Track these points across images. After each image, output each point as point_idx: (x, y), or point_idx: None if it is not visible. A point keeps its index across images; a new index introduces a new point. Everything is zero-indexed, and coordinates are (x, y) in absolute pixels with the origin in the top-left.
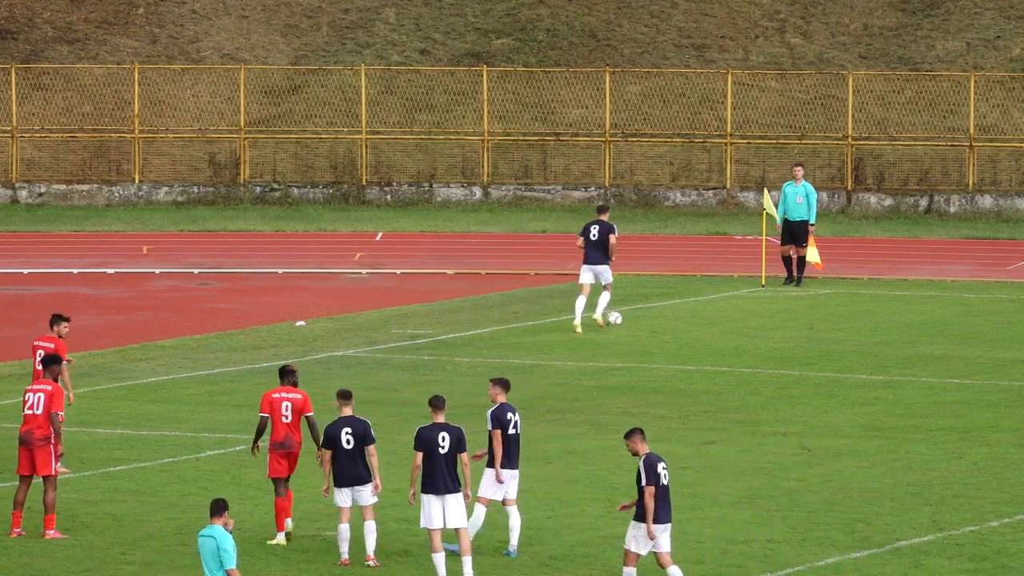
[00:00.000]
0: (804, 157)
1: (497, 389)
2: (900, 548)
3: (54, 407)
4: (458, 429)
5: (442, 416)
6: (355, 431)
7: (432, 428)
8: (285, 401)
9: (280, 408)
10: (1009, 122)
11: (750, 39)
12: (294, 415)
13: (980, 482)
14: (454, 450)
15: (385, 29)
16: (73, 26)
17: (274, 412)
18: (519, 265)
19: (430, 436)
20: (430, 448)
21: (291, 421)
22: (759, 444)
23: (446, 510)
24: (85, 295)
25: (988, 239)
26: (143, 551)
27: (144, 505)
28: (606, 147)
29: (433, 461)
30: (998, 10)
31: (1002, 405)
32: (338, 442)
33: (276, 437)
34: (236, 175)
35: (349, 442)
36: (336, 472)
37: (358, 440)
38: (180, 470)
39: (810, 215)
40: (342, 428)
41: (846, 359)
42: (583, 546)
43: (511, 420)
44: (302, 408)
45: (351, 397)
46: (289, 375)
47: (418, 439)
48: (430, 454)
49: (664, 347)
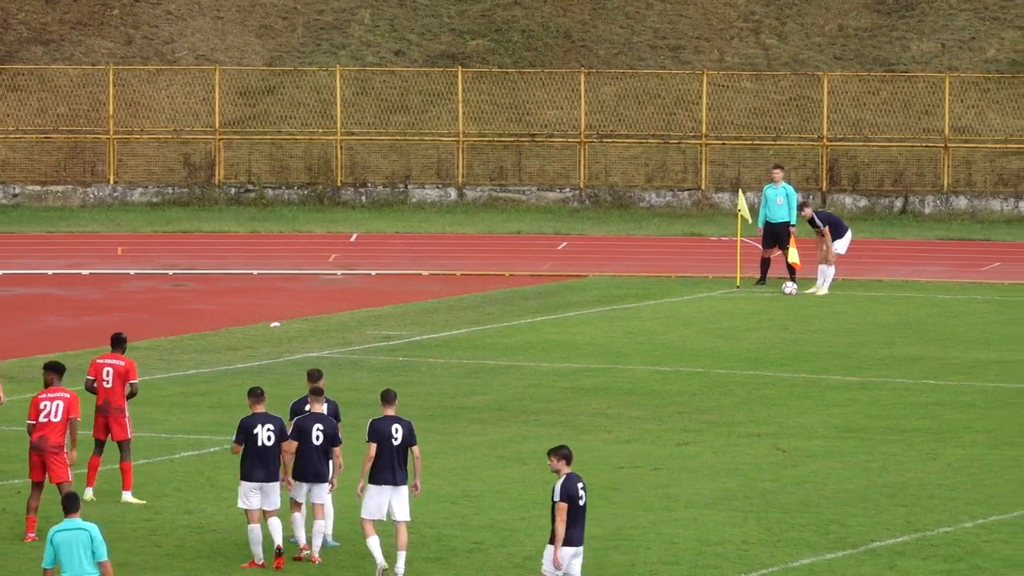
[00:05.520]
0: (779, 158)
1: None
2: (874, 549)
3: (72, 413)
4: (409, 423)
5: (392, 410)
6: (326, 429)
7: (385, 420)
8: (107, 367)
9: (102, 373)
10: (984, 123)
11: (725, 40)
12: (115, 381)
13: (954, 483)
14: (406, 442)
15: (360, 30)
16: (48, 27)
17: (98, 377)
18: (494, 266)
19: (383, 428)
20: (383, 440)
21: (112, 387)
22: (733, 445)
23: (392, 502)
24: (59, 296)
25: (963, 240)
26: (117, 552)
27: (118, 507)
28: (581, 148)
29: (385, 453)
30: (973, 11)
31: (977, 406)
32: (308, 436)
33: (97, 401)
34: (211, 176)
35: (319, 438)
36: (300, 467)
37: (327, 439)
38: (154, 471)
39: (791, 215)
40: (313, 424)
41: (821, 360)
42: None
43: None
44: (125, 374)
45: (322, 394)
46: (120, 343)
47: (371, 431)
48: (384, 446)
49: (639, 348)
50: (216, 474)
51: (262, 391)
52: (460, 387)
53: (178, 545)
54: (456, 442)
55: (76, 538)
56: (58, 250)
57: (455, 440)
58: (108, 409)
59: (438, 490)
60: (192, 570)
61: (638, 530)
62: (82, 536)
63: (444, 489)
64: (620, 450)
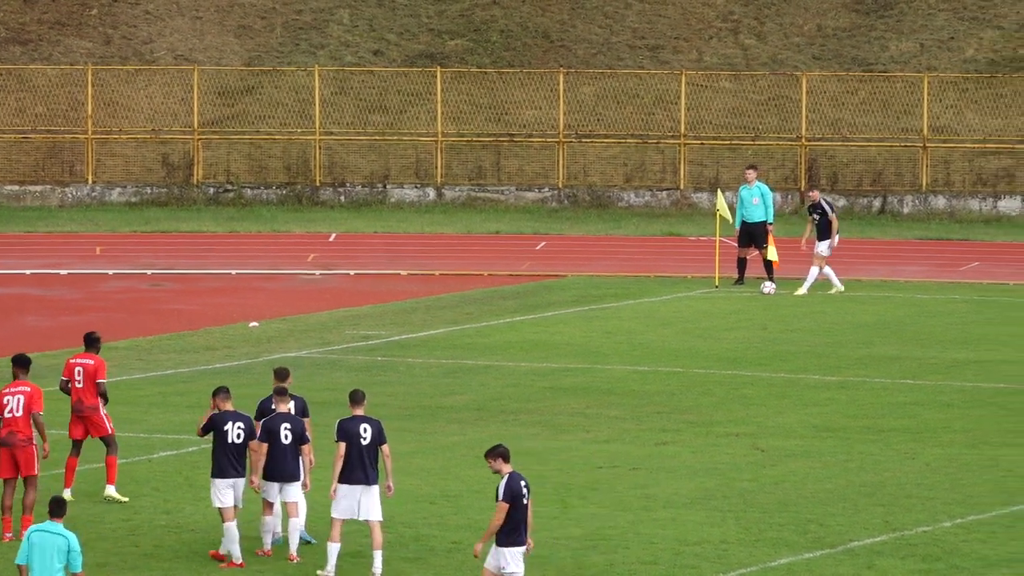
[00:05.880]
0: (758, 158)
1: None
2: (853, 548)
3: (34, 408)
4: (378, 422)
5: (361, 409)
6: (294, 428)
7: (353, 420)
8: (78, 367)
9: (74, 373)
10: (962, 123)
11: (704, 40)
12: (86, 380)
13: (933, 483)
14: (375, 442)
15: (339, 30)
16: (26, 27)
17: (71, 377)
18: (473, 266)
19: (352, 428)
20: (352, 439)
21: (83, 386)
22: (712, 445)
23: (362, 502)
24: (37, 296)
25: (941, 240)
26: (96, 552)
27: (97, 506)
28: (560, 148)
29: (354, 452)
30: (952, 11)
31: (955, 406)
32: (277, 436)
33: (71, 400)
34: (189, 176)
35: (287, 438)
36: (271, 467)
37: (296, 438)
38: (133, 471)
39: (767, 214)
40: (281, 424)
41: (799, 360)
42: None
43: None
44: (94, 373)
45: (287, 393)
46: (93, 343)
47: (340, 430)
48: (353, 446)
49: (618, 348)
50: (194, 474)
51: (228, 389)
52: (439, 387)
53: (156, 545)
54: (434, 442)
55: (52, 542)
56: (36, 250)
57: (433, 440)
58: (82, 408)
59: (416, 490)
60: (170, 570)
61: (617, 530)
62: (59, 542)
63: (423, 489)
64: (599, 450)
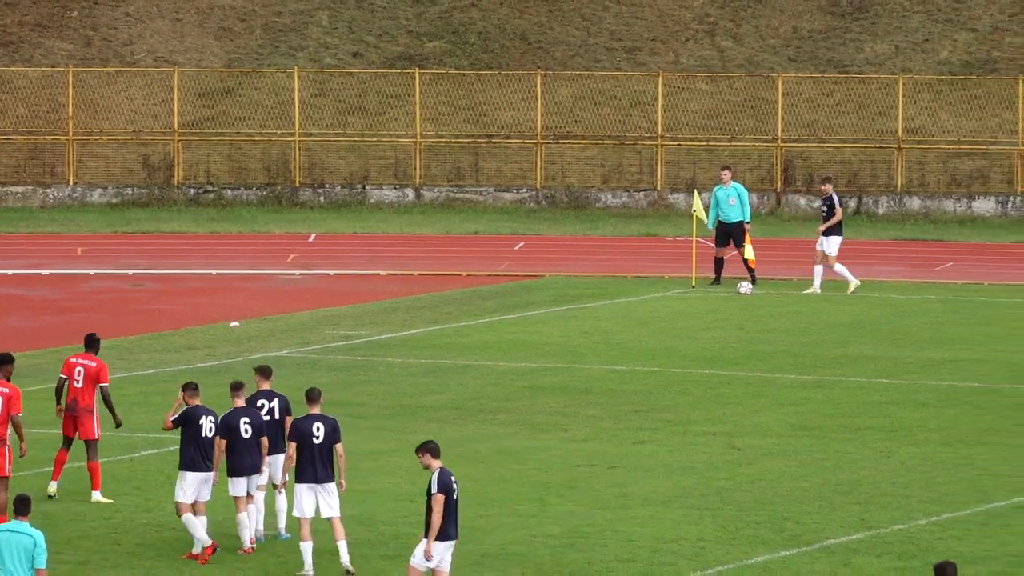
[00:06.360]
0: (734, 159)
1: (258, 377)
2: (829, 546)
3: (13, 410)
4: (333, 420)
5: (317, 408)
6: (253, 422)
7: (307, 419)
8: (79, 367)
9: (74, 372)
10: (937, 124)
11: (680, 42)
12: (86, 381)
13: (908, 481)
14: (329, 440)
15: (318, 32)
16: (7, 29)
17: (70, 375)
18: (451, 266)
19: (304, 427)
20: (304, 438)
21: (82, 387)
22: (689, 444)
23: (319, 499)
24: (19, 296)
25: (916, 240)
26: (77, 551)
27: (78, 505)
28: (538, 149)
29: (308, 451)
30: (926, 13)
31: (930, 405)
32: (236, 431)
33: (67, 399)
34: (170, 177)
35: (247, 431)
36: (234, 462)
37: (255, 431)
38: (114, 470)
39: (744, 214)
40: (240, 418)
41: (776, 359)
42: (515, 544)
43: (263, 407)
44: (96, 376)
45: (243, 388)
46: (94, 344)
47: (292, 430)
48: (305, 444)
49: (595, 347)
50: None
51: (197, 385)
52: (418, 386)
53: (138, 543)
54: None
55: (19, 541)
56: (18, 250)
57: (413, 439)
58: (76, 408)
59: (396, 488)
60: (152, 568)
61: (595, 528)
62: (25, 540)
63: (402, 487)
64: (577, 449)
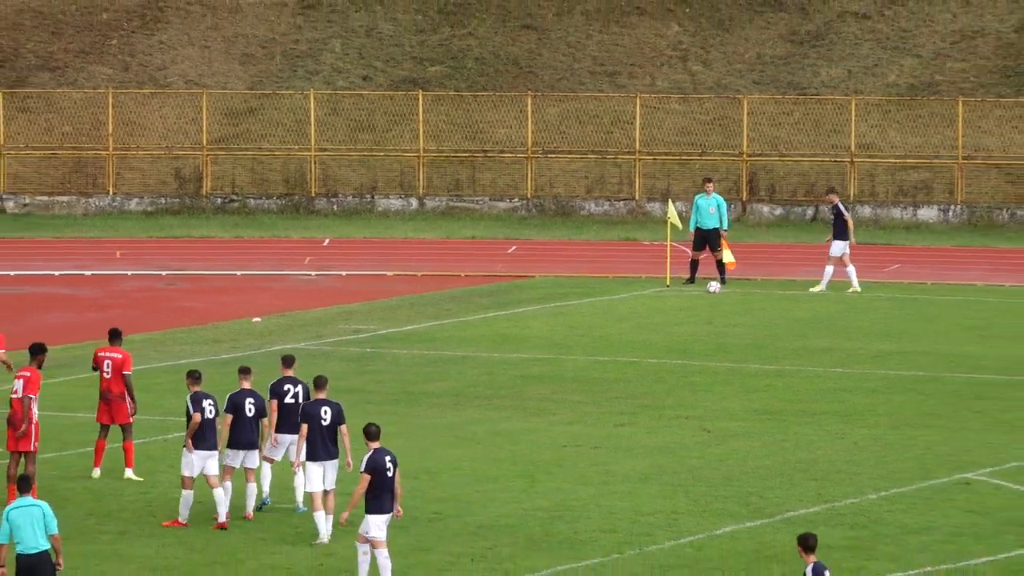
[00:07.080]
0: (705, 172)
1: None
2: (789, 518)
3: (28, 391)
4: (338, 404)
5: (324, 393)
6: (256, 403)
7: (315, 404)
8: (107, 359)
9: (103, 364)
10: (885, 140)
11: (656, 67)
12: (114, 372)
13: (860, 460)
14: (335, 422)
15: (332, 58)
16: (54, 55)
17: (100, 367)
18: (451, 268)
19: (313, 410)
20: (314, 420)
21: (111, 377)
22: (664, 426)
23: (327, 474)
24: (65, 295)
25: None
26: (116, 522)
27: (117, 481)
28: (528, 163)
29: (316, 432)
30: (876, 41)
31: (880, 391)
32: (241, 410)
33: (100, 388)
34: (199, 188)
35: (251, 410)
36: (236, 436)
37: (258, 412)
38: (149, 450)
39: (723, 222)
40: (246, 398)
41: (741, 351)
42: (507, 516)
43: (288, 391)
44: (121, 365)
45: (250, 372)
46: (117, 336)
47: (302, 413)
48: (314, 426)
49: (580, 341)
50: None
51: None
52: (421, 375)
53: (171, 515)
54: (417, 424)
55: (31, 513)
56: (63, 254)
57: (416, 422)
58: (109, 397)
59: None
60: (183, 536)
61: (579, 502)
62: (35, 511)
63: (406, 466)
64: (563, 431)
